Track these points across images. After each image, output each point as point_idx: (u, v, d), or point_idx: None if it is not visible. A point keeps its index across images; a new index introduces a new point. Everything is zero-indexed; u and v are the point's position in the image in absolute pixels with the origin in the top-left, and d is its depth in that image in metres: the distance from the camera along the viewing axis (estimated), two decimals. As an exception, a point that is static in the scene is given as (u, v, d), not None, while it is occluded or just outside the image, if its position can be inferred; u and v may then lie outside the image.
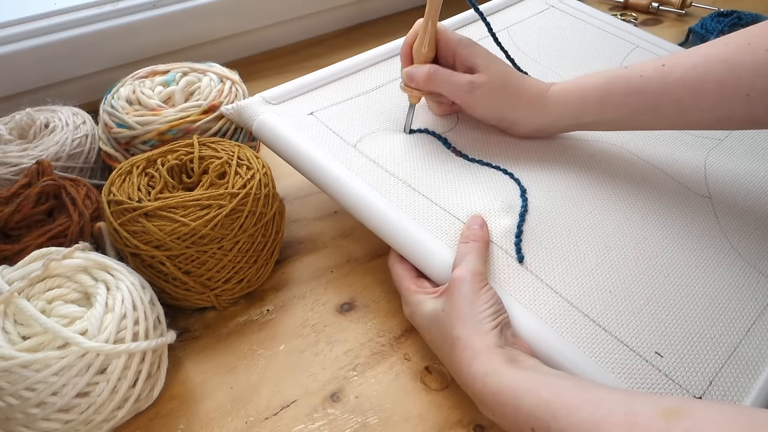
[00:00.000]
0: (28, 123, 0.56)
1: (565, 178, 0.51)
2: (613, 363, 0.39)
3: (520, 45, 0.68)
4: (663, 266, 0.45)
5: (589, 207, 0.49)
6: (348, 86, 0.58)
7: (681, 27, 0.91)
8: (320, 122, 0.53)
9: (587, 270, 0.44)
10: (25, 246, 0.44)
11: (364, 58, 0.60)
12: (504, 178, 0.50)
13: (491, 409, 0.35)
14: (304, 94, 0.55)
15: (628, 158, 0.54)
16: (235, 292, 0.47)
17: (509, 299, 0.41)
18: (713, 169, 0.54)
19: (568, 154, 0.54)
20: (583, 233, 0.47)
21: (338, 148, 0.51)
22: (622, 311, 0.42)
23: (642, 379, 0.39)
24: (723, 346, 0.41)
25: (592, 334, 0.40)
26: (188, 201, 0.43)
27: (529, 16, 0.73)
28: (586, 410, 0.31)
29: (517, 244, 0.45)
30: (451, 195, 0.48)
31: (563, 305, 0.42)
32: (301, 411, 0.41)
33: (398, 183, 0.48)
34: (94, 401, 0.36)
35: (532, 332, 0.40)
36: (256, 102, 0.53)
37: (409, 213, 0.46)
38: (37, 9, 0.67)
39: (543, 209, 0.48)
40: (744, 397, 0.39)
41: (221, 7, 0.75)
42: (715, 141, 0.57)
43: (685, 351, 0.40)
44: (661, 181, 0.52)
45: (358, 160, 0.50)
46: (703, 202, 0.51)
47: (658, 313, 0.42)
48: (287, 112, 0.53)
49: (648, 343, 0.40)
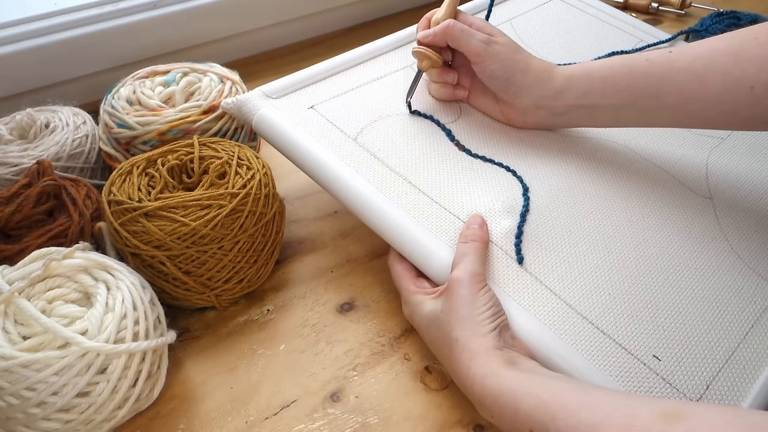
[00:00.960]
0: (28, 123, 0.56)
1: (568, 175, 0.51)
2: (611, 366, 0.39)
3: (523, 38, 0.67)
4: (662, 269, 0.45)
5: (590, 206, 0.49)
6: (349, 78, 0.57)
7: (681, 27, 0.91)
8: (320, 115, 0.53)
9: (587, 272, 0.44)
10: (26, 246, 0.44)
11: (365, 50, 0.60)
12: (507, 175, 0.50)
13: (490, 411, 0.35)
14: (305, 88, 0.55)
15: (631, 156, 0.54)
16: (235, 292, 0.47)
17: (508, 301, 0.41)
18: (715, 169, 0.54)
19: (571, 150, 0.53)
20: (584, 234, 0.46)
21: (339, 143, 0.50)
22: (621, 314, 0.42)
23: (640, 383, 0.39)
24: (721, 350, 0.41)
25: (591, 337, 0.41)
26: (188, 201, 0.43)
27: (533, 7, 0.72)
28: (585, 412, 0.31)
29: (517, 245, 0.44)
30: (452, 193, 0.48)
31: (562, 307, 0.42)
32: (301, 411, 0.41)
33: (399, 180, 0.48)
34: (95, 401, 0.37)
35: (530, 334, 0.40)
36: (255, 96, 0.53)
37: (409, 212, 0.46)
38: (37, 9, 0.67)
39: (544, 208, 0.47)
40: (742, 400, 0.39)
41: (221, 7, 0.75)
42: (718, 140, 0.57)
43: (682, 354, 0.40)
44: (663, 180, 0.52)
45: (359, 155, 0.49)
46: (704, 203, 0.51)
47: (657, 317, 0.42)
48: (287, 106, 0.53)
49: (646, 346, 0.40)
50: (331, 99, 0.54)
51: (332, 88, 0.55)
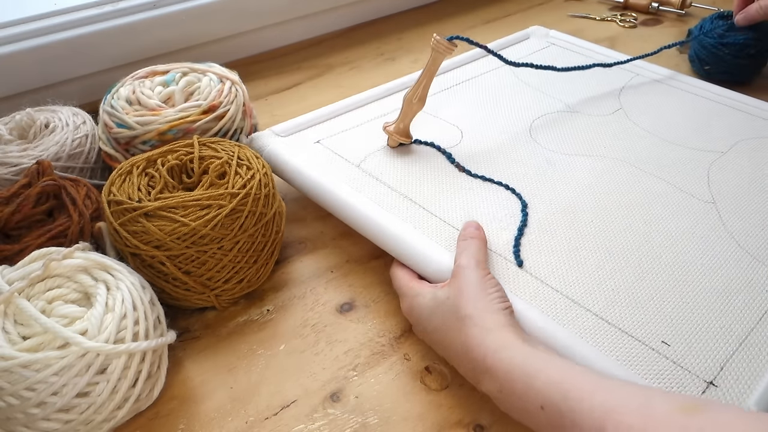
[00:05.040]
0: (28, 123, 0.56)
1: (567, 190, 0.53)
2: (619, 352, 0.39)
3: (522, 77, 0.70)
4: (667, 264, 0.45)
5: (590, 216, 0.50)
6: (353, 117, 0.62)
7: (681, 27, 0.91)
8: (326, 148, 0.57)
9: (589, 271, 0.45)
10: (25, 246, 0.44)
11: (367, 95, 0.65)
12: (506, 193, 0.52)
13: (499, 385, 0.35)
14: (311, 127, 0.60)
15: (631, 171, 0.55)
16: (235, 292, 0.47)
17: (510, 296, 0.42)
18: (716, 177, 0.55)
19: (570, 167, 0.56)
20: (584, 241, 0.47)
21: (343, 169, 0.54)
22: (626, 306, 0.42)
23: (649, 367, 0.38)
24: (733, 335, 0.40)
25: (596, 327, 0.41)
26: (188, 201, 0.43)
27: (532, 53, 0.76)
28: (600, 396, 0.31)
29: (516, 252, 0.46)
30: (452, 209, 0.50)
31: (565, 302, 0.42)
32: (301, 411, 0.41)
33: (400, 198, 0.51)
34: (94, 401, 0.36)
35: (533, 325, 0.40)
36: (266, 135, 0.57)
37: (410, 223, 0.48)
38: (37, 9, 0.67)
39: (544, 221, 0.49)
40: (757, 382, 0.38)
41: (221, 8, 0.75)
42: (718, 153, 0.58)
43: (693, 340, 0.40)
44: (664, 189, 0.53)
45: (362, 179, 0.53)
46: (707, 206, 0.51)
47: (664, 307, 0.42)
48: (295, 142, 0.57)
49: (654, 333, 0.40)
50: (336, 134, 0.59)
51: (337, 126, 0.60)
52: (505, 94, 0.67)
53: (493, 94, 0.67)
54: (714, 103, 0.66)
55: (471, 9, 0.98)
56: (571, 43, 0.78)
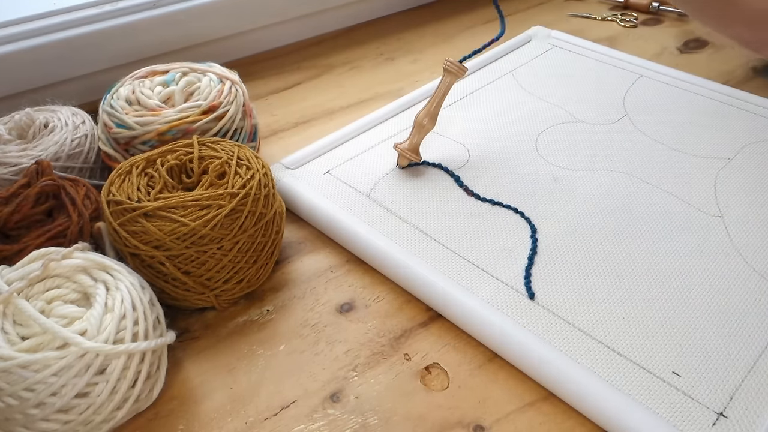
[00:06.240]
0: (27, 123, 0.56)
1: (576, 209, 0.53)
2: (631, 386, 0.39)
3: (525, 86, 0.70)
4: (676, 289, 0.46)
5: (599, 238, 0.50)
6: (359, 143, 0.62)
7: (681, 27, 0.91)
8: (336, 178, 0.57)
9: (599, 299, 0.45)
10: (25, 246, 0.43)
11: (373, 117, 0.65)
12: (515, 217, 0.52)
13: None
14: (319, 157, 0.60)
15: (637, 185, 0.55)
16: (235, 292, 0.47)
17: (521, 330, 0.42)
18: (724, 187, 0.55)
19: (578, 183, 0.56)
20: (594, 266, 0.48)
21: (354, 201, 0.54)
22: (636, 335, 0.42)
23: (661, 399, 0.39)
24: (742, 361, 0.41)
25: (607, 359, 0.41)
26: (188, 201, 0.42)
27: (534, 57, 0.76)
28: None
29: (527, 284, 0.46)
30: (462, 239, 0.50)
31: (576, 334, 0.42)
32: (301, 411, 0.41)
33: (411, 229, 0.51)
34: (94, 402, 0.36)
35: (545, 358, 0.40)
36: (276, 169, 0.58)
37: (422, 258, 0.48)
38: (36, 9, 0.67)
39: (554, 246, 0.49)
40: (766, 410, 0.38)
41: (221, 7, 0.75)
42: (724, 160, 0.58)
43: (703, 369, 0.40)
44: (671, 205, 0.53)
45: (373, 210, 0.53)
46: (715, 221, 0.51)
47: (674, 335, 0.42)
48: (304, 175, 0.58)
49: (664, 364, 0.40)
50: (344, 162, 0.59)
51: (345, 154, 0.61)
52: (509, 106, 0.67)
53: (497, 107, 0.67)
54: (719, 103, 0.66)
55: (471, 9, 0.98)
56: (573, 44, 0.77)
